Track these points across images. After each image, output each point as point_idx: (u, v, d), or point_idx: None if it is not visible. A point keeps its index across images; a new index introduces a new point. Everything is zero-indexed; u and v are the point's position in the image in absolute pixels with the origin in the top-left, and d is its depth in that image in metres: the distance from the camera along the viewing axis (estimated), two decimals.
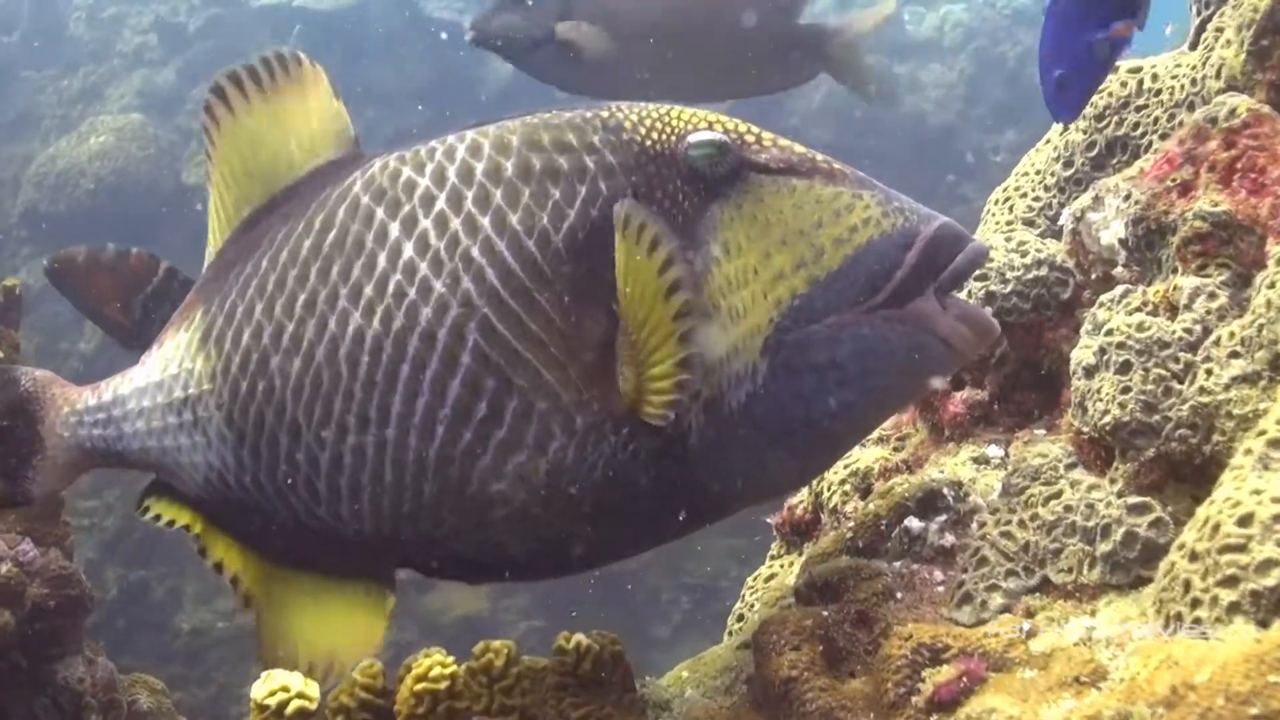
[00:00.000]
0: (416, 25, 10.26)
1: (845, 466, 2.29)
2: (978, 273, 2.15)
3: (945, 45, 11.50)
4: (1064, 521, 1.80)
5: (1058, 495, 1.83)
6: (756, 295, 1.66)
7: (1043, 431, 2.12)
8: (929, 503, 2.01)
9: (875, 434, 2.39)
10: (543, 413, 1.66)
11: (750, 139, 1.73)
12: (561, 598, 7.56)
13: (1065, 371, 2.12)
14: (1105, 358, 1.81)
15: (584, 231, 1.67)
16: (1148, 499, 1.74)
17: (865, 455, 2.30)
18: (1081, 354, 1.86)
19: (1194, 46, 2.31)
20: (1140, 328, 1.79)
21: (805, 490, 2.40)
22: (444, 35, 8.53)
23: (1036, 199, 2.33)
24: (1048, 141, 2.38)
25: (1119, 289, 1.88)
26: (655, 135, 1.71)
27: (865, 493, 2.25)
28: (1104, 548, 1.74)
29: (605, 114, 1.74)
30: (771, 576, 2.39)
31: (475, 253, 1.68)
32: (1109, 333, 1.82)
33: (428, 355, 1.67)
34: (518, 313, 1.66)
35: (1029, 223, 2.32)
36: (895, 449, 2.34)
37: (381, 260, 1.71)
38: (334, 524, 1.79)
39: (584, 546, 1.77)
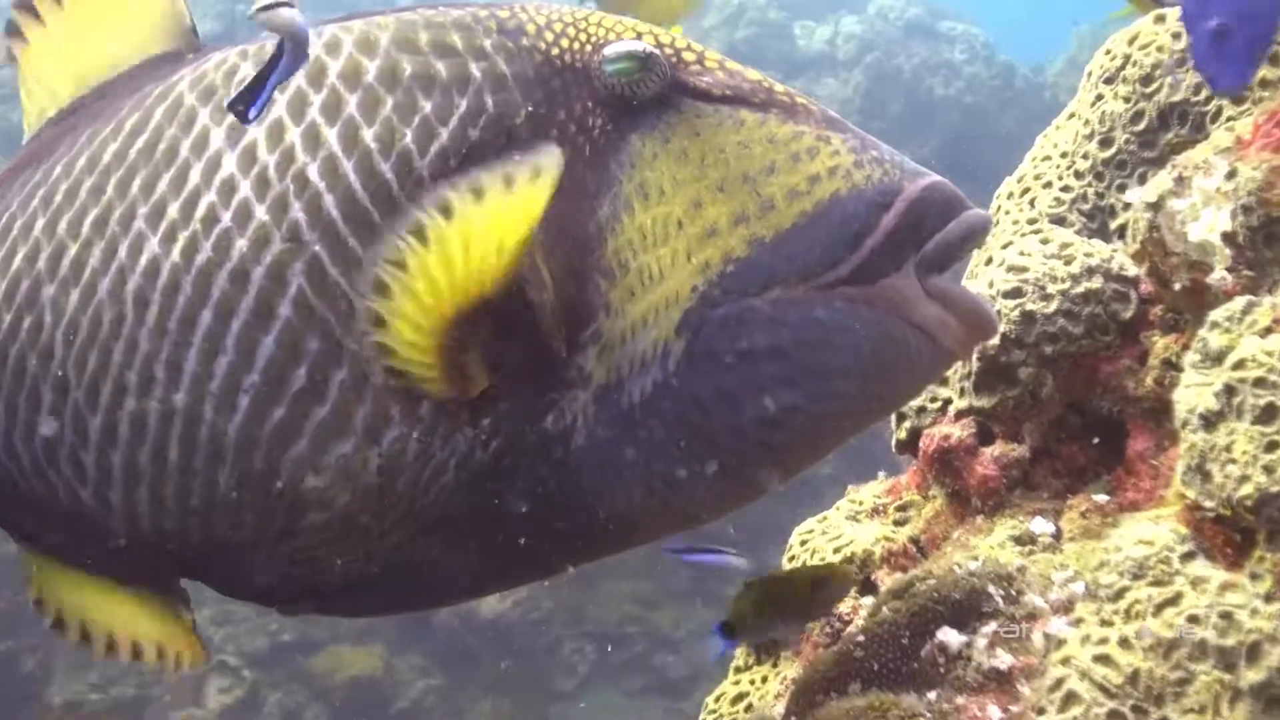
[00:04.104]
0: None
1: (835, 550, 1.73)
2: (1009, 286, 1.61)
3: (839, 59, 11.19)
4: (1189, 639, 1.27)
5: (1174, 600, 1.29)
6: (678, 255, 1.34)
7: (1105, 497, 1.59)
8: (969, 606, 1.48)
9: (868, 502, 1.84)
10: (379, 390, 1.32)
11: (690, 57, 1.40)
12: (460, 653, 7.17)
13: (1130, 415, 1.62)
14: (1235, 400, 1.28)
15: (458, 157, 1.34)
16: None
17: (860, 534, 1.74)
18: (1196, 395, 1.31)
19: None
20: None
21: None
22: None
23: (1065, 189, 1.80)
24: (1072, 115, 1.85)
25: (1239, 302, 1.34)
26: (565, 43, 1.39)
27: (867, 587, 1.70)
28: (1252, 676, 1.23)
29: (505, 13, 1.42)
30: (741, 698, 1.82)
31: (312, 173, 1.35)
32: (1239, 364, 1.28)
33: (236, 301, 1.35)
34: (359, 255, 1.32)
35: (1058, 220, 1.78)
36: (897, 522, 1.78)
37: (195, 175, 1.40)
38: (101, 513, 1.45)
39: (424, 575, 1.44)
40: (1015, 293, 1.61)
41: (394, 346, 1.28)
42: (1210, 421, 1.29)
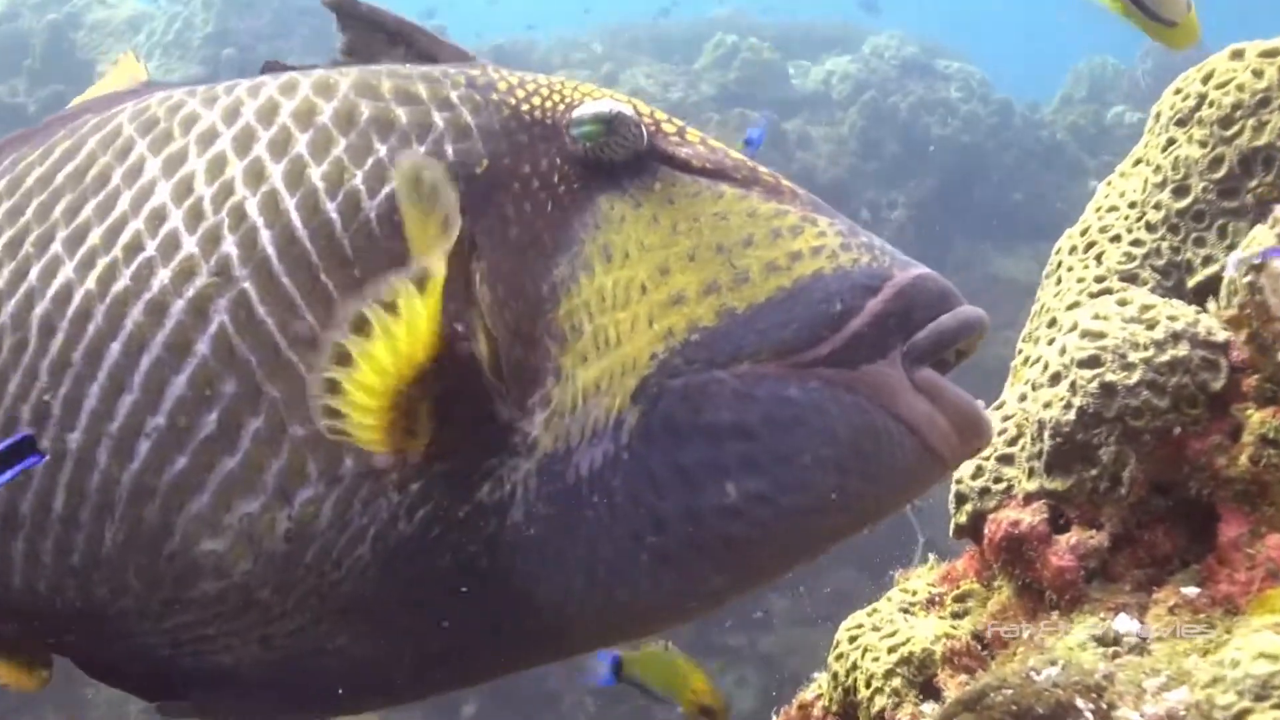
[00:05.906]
0: None
1: (890, 649, 1.55)
2: (1086, 355, 1.44)
3: (834, 98, 11.07)
4: None
5: None
6: (638, 320, 1.25)
7: (1194, 590, 1.42)
8: None
9: (921, 591, 1.66)
10: (297, 442, 1.24)
11: (670, 129, 1.34)
12: (459, 708, 7.03)
13: (1220, 497, 1.44)
14: None
15: None
16: None
17: (918, 630, 1.56)
18: None
19: None
20: None
21: (824, 677, 1.65)
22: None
23: (1136, 242, 1.63)
24: (1139, 161, 1.69)
25: None
26: (537, 100, 1.34)
27: (927, 690, 1.52)
28: None
29: (475, 71, 1.38)
30: None
31: (251, 207, 1.28)
32: None
33: (149, 334, 1.27)
34: (291, 296, 1.26)
35: (1129, 277, 1.62)
36: (955, 614, 1.60)
37: (123, 201, 1.34)
38: None
39: (326, 669, 1.32)
40: (1093, 361, 1.44)
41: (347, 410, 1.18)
42: None
